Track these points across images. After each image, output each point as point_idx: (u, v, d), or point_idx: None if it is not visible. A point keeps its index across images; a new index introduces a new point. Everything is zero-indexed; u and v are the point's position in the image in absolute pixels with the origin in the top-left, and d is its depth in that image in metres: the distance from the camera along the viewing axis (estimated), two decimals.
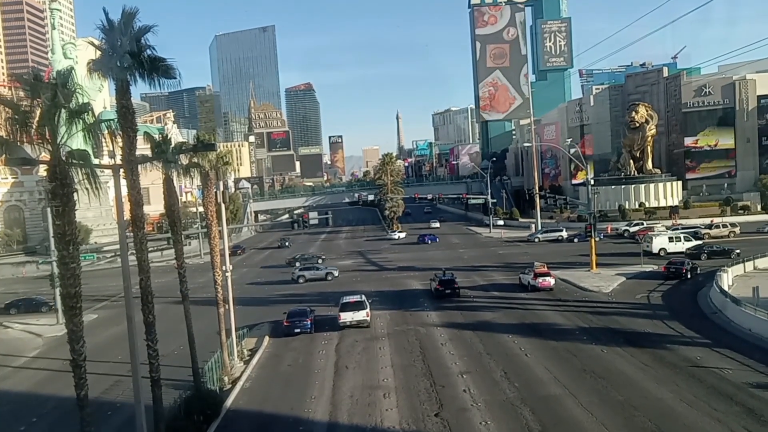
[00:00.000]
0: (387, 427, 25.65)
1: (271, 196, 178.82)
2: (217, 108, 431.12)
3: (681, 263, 55.49)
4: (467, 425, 25.11)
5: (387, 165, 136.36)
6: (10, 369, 40.81)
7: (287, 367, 35.85)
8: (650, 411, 25.12)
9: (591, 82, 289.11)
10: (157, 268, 35.62)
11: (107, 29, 20.01)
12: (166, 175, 29.28)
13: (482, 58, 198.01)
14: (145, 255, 22.00)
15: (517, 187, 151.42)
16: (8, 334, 51.95)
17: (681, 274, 53.98)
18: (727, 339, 35.56)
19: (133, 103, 21.60)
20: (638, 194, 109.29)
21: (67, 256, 18.08)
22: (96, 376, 27.96)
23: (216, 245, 35.61)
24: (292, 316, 43.38)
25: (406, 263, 75.96)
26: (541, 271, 53.07)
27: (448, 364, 33.83)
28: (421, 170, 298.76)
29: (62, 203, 17.80)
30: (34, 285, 73.64)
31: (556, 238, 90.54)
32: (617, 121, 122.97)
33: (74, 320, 18.13)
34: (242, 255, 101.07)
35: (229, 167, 37.65)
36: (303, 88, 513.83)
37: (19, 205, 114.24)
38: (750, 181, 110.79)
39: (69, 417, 26.07)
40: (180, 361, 32.13)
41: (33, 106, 17.86)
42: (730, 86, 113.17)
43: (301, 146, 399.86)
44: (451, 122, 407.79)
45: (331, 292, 55.89)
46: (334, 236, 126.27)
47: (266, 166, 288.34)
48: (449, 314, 46.16)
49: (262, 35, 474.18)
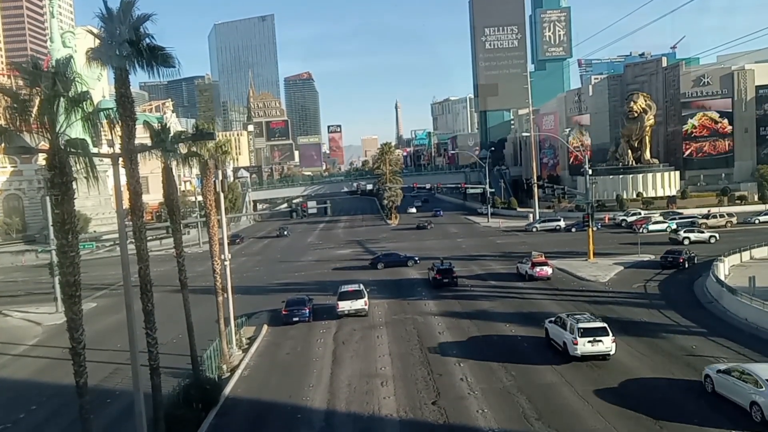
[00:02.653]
0: (385, 414, 25.87)
1: (270, 185, 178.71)
2: (216, 97, 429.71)
3: (678, 253, 55.61)
4: (464, 413, 25.33)
5: (386, 154, 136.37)
6: (10, 357, 40.97)
7: (286, 355, 36.04)
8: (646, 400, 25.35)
9: (590, 72, 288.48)
10: (156, 257, 35.69)
11: (106, 18, 19.96)
12: (165, 164, 29.29)
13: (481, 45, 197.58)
14: (144, 244, 22.07)
15: (516, 176, 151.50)
16: (8, 322, 52.12)
17: (678, 263, 54.14)
18: (722, 328, 35.81)
19: (131, 92, 21.60)
20: (636, 184, 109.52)
21: (66, 245, 18.14)
22: (95, 364, 28.30)
23: (215, 234, 35.72)
24: (290, 304, 43.54)
25: (404, 252, 75.98)
26: (539, 260, 53.22)
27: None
28: (420, 160, 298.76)
29: (61, 192, 17.84)
30: (34, 273, 73.78)
31: (553, 227, 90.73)
32: (616, 110, 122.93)
33: (73, 308, 18.22)
34: (241, 244, 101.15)
35: (228, 156, 37.73)
36: (302, 77, 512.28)
37: (18, 194, 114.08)
38: (747, 171, 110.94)
39: (68, 405, 26.32)
40: (179, 350, 32.30)
41: (32, 95, 17.86)
42: (728, 76, 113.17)
43: (300, 135, 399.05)
44: (450, 112, 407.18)
45: (330, 281, 56.08)
46: (333, 225, 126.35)
47: (265, 156, 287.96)
48: (447, 303, 46.35)
49: (261, 24, 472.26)
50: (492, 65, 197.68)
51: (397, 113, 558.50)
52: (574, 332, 30.05)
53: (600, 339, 29.73)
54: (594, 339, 29.73)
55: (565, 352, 30.81)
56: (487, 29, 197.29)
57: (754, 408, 22.58)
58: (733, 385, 24.02)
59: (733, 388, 23.94)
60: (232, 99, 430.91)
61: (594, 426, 23.37)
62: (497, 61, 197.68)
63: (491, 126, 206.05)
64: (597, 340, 29.72)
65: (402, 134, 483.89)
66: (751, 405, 22.76)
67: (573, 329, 30.28)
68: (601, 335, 29.82)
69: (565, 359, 30.66)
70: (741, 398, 23.46)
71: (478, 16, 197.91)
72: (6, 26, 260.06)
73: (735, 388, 23.86)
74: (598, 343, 29.71)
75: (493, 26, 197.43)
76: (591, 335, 29.82)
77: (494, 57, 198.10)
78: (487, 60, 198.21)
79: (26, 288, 67.53)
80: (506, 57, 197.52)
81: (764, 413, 22.09)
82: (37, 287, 64.56)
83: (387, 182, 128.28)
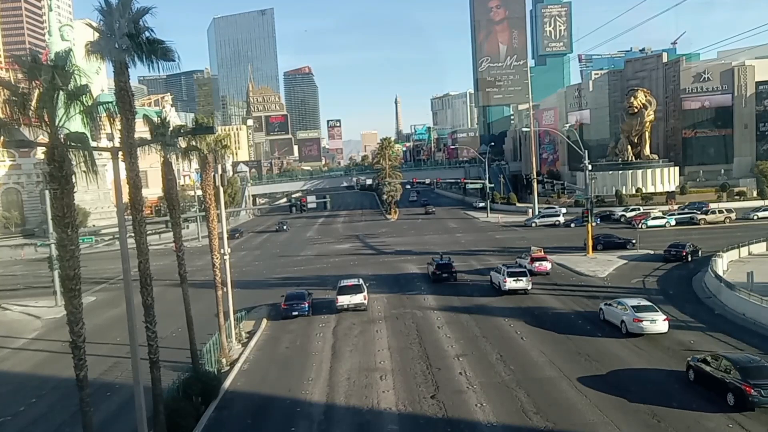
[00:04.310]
0: (384, 408, 25.94)
1: (269, 180, 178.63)
2: (215, 91, 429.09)
3: (681, 246, 55.61)
4: (463, 407, 25.41)
5: (385, 149, 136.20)
6: (9, 350, 41.04)
7: (285, 349, 36.11)
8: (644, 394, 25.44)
9: (590, 68, 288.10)
10: (156, 251, 35.67)
11: (105, 11, 19.91)
12: (165, 159, 29.26)
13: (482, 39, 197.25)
14: (144, 238, 22.06)
15: (515, 172, 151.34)
16: (7, 315, 52.14)
17: (681, 257, 54.25)
18: (721, 323, 35.91)
19: (131, 86, 21.58)
20: (635, 180, 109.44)
21: (66, 239, 18.16)
22: (95, 358, 28.33)
23: (214, 228, 35.73)
24: (290, 299, 43.59)
25: (403, 247, 76.15)
26: (538, 255, 53.32)
27: (444, 347, 34.12)
28: (420, 155, 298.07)
29: (60, 186, 17.84)
30: (33, 267, 73.81)
31: (552, 222, 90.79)
32: (616, 106, 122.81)
33: (73, 302, 18.26)
34: (240, 238, 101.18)
35: (228, 151, 37.69)
36: (302, 71, 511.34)
37: (17, 188, 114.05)
38: (747, 167, 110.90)
39: (68, 398, 26.43)
40: (178, 343, 32.40)
41: (31, 88, 17.85)
42: (728, 72, 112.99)
43: (300, 130, 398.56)
44: (450, 107, 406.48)
45: (329, 276, 56.15)
46: (332, 220, 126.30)
47: (264, 150, 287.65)
48: (446, 298, 46.43)
49: (260, 18, 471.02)
50: (492, 61, 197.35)
51: (397, 108, 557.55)
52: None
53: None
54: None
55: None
56: (488, 24, 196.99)
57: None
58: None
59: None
60: (231, 93, 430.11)
61: (591, 419, 23.45)
62: (498, 58, 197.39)
63: (491, 121, 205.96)
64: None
65: (401, 129, 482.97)
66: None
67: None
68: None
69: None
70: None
71: (479, 11, 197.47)
72: (4, 19, 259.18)
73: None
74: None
75: (494, 20, 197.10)
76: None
77: (495, 53, 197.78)
78: (487, 55, 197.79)
79: (25, 282, 67.51)
80: (507, 53, 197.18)
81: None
82: (36, 281, 64.52)
83: (386, 177, 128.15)
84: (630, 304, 34.41)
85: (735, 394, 23.50)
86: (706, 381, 25.32)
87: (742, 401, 23.18)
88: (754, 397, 22.89)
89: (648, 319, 33.15)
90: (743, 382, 23.23)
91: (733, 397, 23.58)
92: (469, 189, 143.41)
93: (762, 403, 22.95)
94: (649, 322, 33.04)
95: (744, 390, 23.08)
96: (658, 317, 33.28)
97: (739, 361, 24.69)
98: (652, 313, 33.50)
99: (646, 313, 33.53)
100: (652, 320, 33.11)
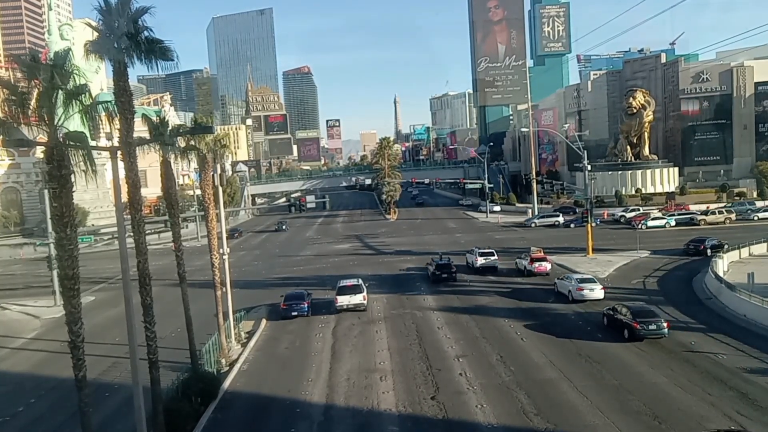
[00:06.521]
0: (383, 409, 25.85)
1: (268, 179, 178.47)
2: (214, 91, 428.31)
3: (702, 240, 55.72)
4: (463, 408, 25.32)
5: (384, 149, 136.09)
6: (8, 350, 40.89)
7: (284, 349, 36.02)
8: (645, 395, 25.38)
9: (589, 68, 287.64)
10: (155, 251, 35.62)
11: (104, 10, 19.85)
12: (164, 158, 29.18)
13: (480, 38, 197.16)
14: (143, 237, 21.97)
15: (515, 172, 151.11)
16: (6, 315, 51.97)
17: (700, 251, 54.44)
18: (721, 324, 35.84)
19: (130, 85, 21.49)
20: (635, 180, 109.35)
21: (65, 238, 18.06)
22: (94, 358, 28.20)
23: (213, 228, 35.62)
24: (289, 299, 43.46)
25: (402, 247, 76.06)
26: (538, 256, 53.23)
27: (444, 347, 34.04)
28: (419, 155, 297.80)
29: (59, 185, 17.75)
30: (32, 267, 73.66)
31: (552, 223, 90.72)
32: (615, 106, 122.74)
33: (72, 302, 18.17)
34: (240, 238, 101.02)
35: (227, 150, 37.58)
36: (301, 71, 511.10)
37: (16, 187, 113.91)
38: (746, 167, 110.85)
39: (67, 398, 26.30)
40: (177, 344, 32.27)
41: (30, 88, 17.77)
42: (727, 73, 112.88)
43: (299, 130, 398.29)
44: (449, 107, 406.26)
45: (329, 276, 56.05)
46: (332, 220, 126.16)
47: (263, 150, 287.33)
48: (446, 298, 46.37)
49: (259, 18, 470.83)
50: (491, 61, 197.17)
51: (396, 108, 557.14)
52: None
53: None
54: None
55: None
56: (486, 24, 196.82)
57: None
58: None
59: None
60: (230, 93, 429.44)
61: (593, 422, 23.37)
62: (496, 58, 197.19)
63: (490, 121, 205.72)
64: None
65: (401, 129, 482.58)
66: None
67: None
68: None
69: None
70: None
71: (478, 11, 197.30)
72: (4, 19, 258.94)
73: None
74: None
75: (492, 21, 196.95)
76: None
77: (493, 53, 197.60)
78: (485, 55, 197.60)
79: (24, 281, 67.38)
80: (505, 53, 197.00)
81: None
82: (35, 280, 64.36)
83: (385, 177, 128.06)
84: (575, 278, 43.91)
85: (628, 329, 32.83)
86: (613, 323, 34.74)
87: (632, 334, 32.49)
88: (640, 331, 32.25)
89: (587, 288, 41.90)
90: (633, 321, 32.61)
91: (627, 332, 32.88)
92: (468, 189, 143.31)
93: (646, 335, 32.31)
94: (588, 291, 41.76)
95: (633, 326, 32.51)
96: (595, 287, 42.01)
97: (632, 307, 34.36)
98: (591, 284, 42.34)
99: (587, 284, 42.33)
100: (590, 289, 41.88)
